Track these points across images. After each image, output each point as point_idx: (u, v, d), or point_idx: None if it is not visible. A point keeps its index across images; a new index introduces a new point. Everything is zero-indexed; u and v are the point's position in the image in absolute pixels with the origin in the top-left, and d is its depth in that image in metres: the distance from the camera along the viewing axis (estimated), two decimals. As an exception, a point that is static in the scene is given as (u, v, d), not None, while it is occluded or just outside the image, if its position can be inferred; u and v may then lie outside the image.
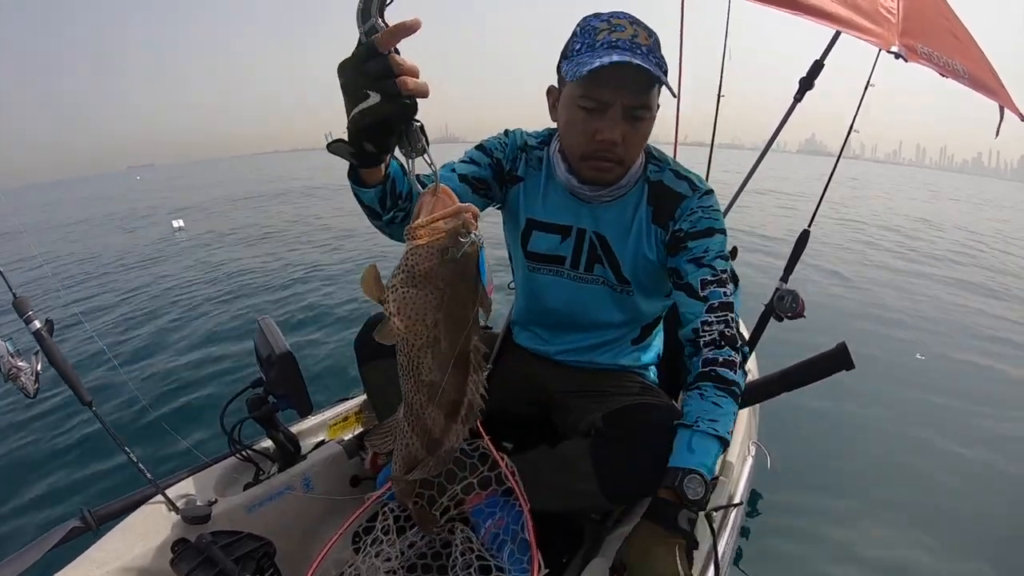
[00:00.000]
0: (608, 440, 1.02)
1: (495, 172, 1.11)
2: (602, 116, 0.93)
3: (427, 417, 0.70)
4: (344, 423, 1.50)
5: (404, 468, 0.77)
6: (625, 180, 1.04)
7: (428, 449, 0.73)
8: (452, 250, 0.58)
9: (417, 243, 0.59)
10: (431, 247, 0.58)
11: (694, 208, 1.03)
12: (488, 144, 1.12)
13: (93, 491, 2.24)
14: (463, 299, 0.62)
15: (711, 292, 0.98)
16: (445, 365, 0.65)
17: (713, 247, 1.01)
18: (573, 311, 1.17)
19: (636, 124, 0.95)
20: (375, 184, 0.79)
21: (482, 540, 1.02)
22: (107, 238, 9.57)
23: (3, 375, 1.01)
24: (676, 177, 1.06)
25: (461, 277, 0.60)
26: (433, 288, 0.59)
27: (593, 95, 0.92)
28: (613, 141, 0.94)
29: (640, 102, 0.93)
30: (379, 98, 0.59)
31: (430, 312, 0.60)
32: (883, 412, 2.97)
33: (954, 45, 1.41)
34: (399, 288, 0.59)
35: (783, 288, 1.53)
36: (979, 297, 5.59)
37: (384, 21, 0.58)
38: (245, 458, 1.26)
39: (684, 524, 0.84)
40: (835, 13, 1.21)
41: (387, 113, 0.60)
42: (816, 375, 1.25)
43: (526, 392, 1.26)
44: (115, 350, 3.73)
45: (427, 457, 0.74)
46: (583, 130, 0.96)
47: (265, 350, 1.27)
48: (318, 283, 5.27)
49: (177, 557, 0.98)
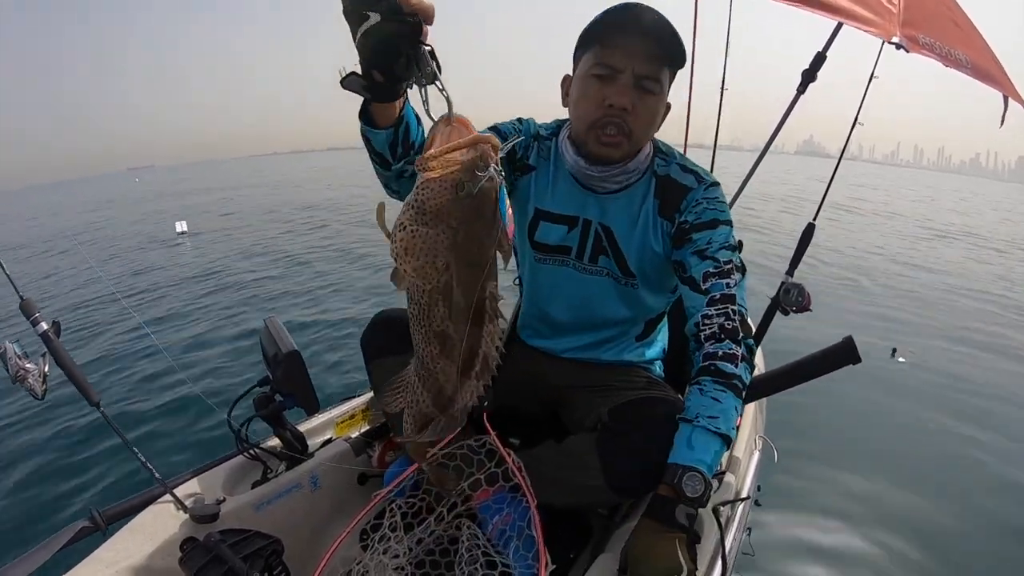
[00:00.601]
0: (614, 435, 1.02)
1: (508, 155, 1.10)
2: (613, 83, 0.94)
3: (439, 371, 0.64)
4: (351, 421, 1.51)
5: (416, 427, 0.71)
6: (633, 166, 1.04)
7: (439, 407, 0.68)
8: (468, 185, 0.52)
9: (429, 175, 0.53)
10: (444, 180, 0.52)
11: (699, 199, 1.03)
12: (503, 128, 1.11)
13: (102, 491, 2.25)
14: (478, 241, 0.56)
15: (712, 285, 0.98)
16: (458, 314, 0.59)
17: (717, 238, 1.00)
18: (578, 306, 1.17)
19: (646, 97, 0.96)
20: (387, 126, 0.76)
21: (488, 536, 1.02)
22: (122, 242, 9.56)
23: (11, 377, 1.01)
24: (683, 171, 1.06)
25: (477, 215, 0.54)
26: (446, 227, 0.53)
27: (606, 60, 0.94)
28: (623, 107, 0.94)
29: (651, 72, 0.94)
30: (379, 17, 0.56)
31: (441, 253, 0.55)
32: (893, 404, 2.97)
33: (956, 35, 1.40)
34: (408, 226, 0.53)
35: (789, 281, 1.52)
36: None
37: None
38: (252, 457, 1.26)
39: (682, 520, 0.83)
40: (835, 4, 1.21)
41: (389, 32, 0.57)
42: (823, 369, 1.24)
43: (532, 388, 1.26)
44: (122, 348, 3.76)
45: (439, 416, 0.69)
46: (594, 98, 0.96)
47: (271, 349, 1.27)
48: (326, 282, 5.29)
49: (186, 556, 0.98)
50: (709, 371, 0.94)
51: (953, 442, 2.74)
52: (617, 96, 0.94)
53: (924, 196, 24.23)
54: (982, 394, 3.27)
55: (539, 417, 1.27)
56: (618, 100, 0.94)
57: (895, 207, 15.92)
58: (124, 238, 9.95)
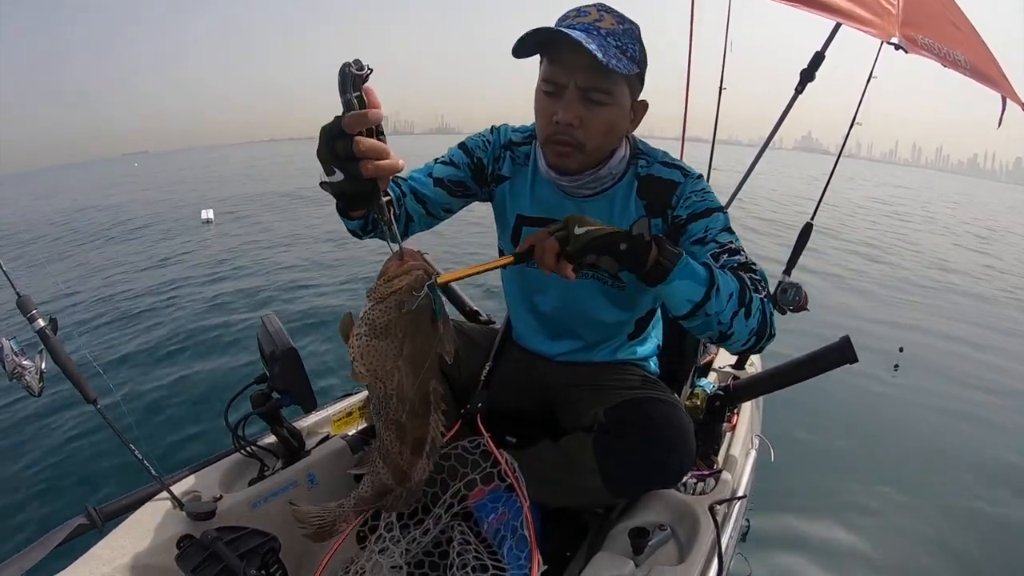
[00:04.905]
0: (611, 436, 1.02)
1: (474, 173, 1.11)
2: (560, 98, 0.92)
3: (395, 453, 0.76)
4: (348, 418, 1.50)
5: (374, 493, 0.83)
6: (605, 172, 1.01)
7: (397, 480, 0.79)
8: (407, 303, 0.65)
9: (376, 302, 0.66)
10: (388, 302, 0.65)
11: (688, 193, 1.01)
12: (470, 143, 1.13)
13: (98, 488, 2.25)
14: (420, 348, 0.69)
15: (725, 261, 0.92)
16: (409, 406, 0.72)
17: (714, 225, 0.97)
18: (567, 308, 1.16)
19: (595, 108, 0.92)
20: (358, 218, 0.89)
21: (484, 535, 1.02)
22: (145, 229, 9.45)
23: (7, 374, 1.01)
24: (665, 166, 1.04)
25: (417, 328, 0.67)
26: (393, 339, 0.66)
27: (549, 77, 0.93)
28: (568, 123, 0.92)
29: (595, 84, 0.90)
30: (342, 176, 0.64)
31: (390, 359, 0.67)
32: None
33: (955, 35, 1.40)
34: (363, 336, 0.66)
35: (786, 281, 1.53)
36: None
37: (361, 95, 0.60)
38: (249, 454, 1.26)
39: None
40: (834, 4, 1.21)
41: (349, 191, 0.65)
42: (820, 369, 1.25)
43: (528, 388, 1.26)
44: (126, 348, 3.75)
45: (397, 488, 0.80)
46: (544, 113, 0.95)
47: (269, 346, 1.27)
48: (324, 279, 5.28)
49: (182, 553, 0.99)
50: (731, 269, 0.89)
51: (952, 442, 2.75)
52: (563, 112, 0.91)
53: (957, 201, 23.82)
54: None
55: (534, 415, 1.27)
56: (564, 116, 0.91)
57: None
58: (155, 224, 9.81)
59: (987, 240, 11.11)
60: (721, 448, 1.37)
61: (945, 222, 13.60)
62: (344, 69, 0.58)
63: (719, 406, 1.40)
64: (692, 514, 1.03)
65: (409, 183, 1.05)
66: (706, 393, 1.44)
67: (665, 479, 1.06)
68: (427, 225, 1.10)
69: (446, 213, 1.11)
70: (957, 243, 10.13)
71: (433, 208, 1.07)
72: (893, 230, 10.60)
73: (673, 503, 1.07)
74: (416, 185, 1.05)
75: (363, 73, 0.59)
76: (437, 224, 1.12)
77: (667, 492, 1.08)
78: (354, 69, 0.58)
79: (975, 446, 2.72)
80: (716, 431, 1.39)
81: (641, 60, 0.94)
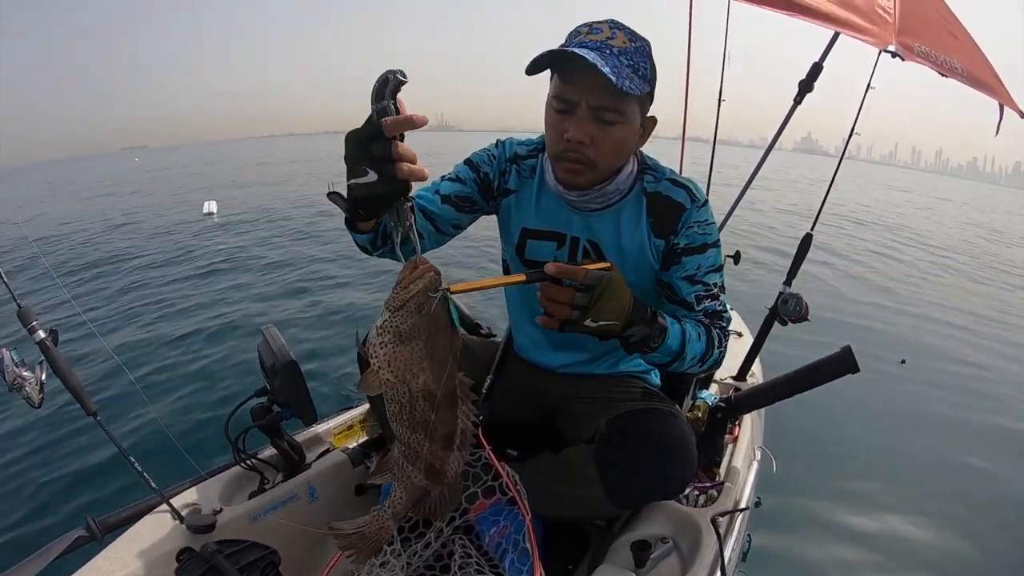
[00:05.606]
0: (612, 446, 1.02)
1: (481, 187, 1.12)
2: (571, 116, 0.93)
3: (427, 452, 0.76)
4: (349, 432, 1.50)
5: (409, 499, 0.82)
6: (612, 187, 1.02)
7: (432, 479, 0.79)
8: (426, 304, 0.67)
9: (396, 310, 0.67)
10: (408, 306, 0.67)
11: (692, 223, 1.02)
12: (476, 158, 1.13)
13: (98, 500, 2.24)
14: (443, 344, 0.70)
15: (705, 306, 1.02)
16: (437, 403, 0.73)
17: (705, 263, 1.03)
18: None
19: (606, 127, 0.93)
20: (368, 231, 0.87)
21: (486, 548, 1.02)
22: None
23: (8, 385, 1.01)
24: (673, 185, 1.05)
25: (437, 326, 0.69)
26: (418, 340, 0.68)
27: (560, 94, 0.93)
28: (579, 141, 0.93)
29: (607, 104, 0.91)
30: (376, 177, 0.65)
31: (417, 361, 0.69)
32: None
33: (952, 43, 1.41)
34: (388, 344, 0.68)
35: (787, 292, 1.53)
36: None
37: (397, 103, 0.62)
38: (249, 467, 1.26)
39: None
40: (831, 13, 1.22)
41: (381, 192, 0.66)
42: (821, 379, 1.24)
43: (530, 400, 1.26)
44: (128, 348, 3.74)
45: (433, 488, 0.80)
46: (555, 130, 0.96)
47: (269, 359, 1.27)
48: (327, 291, 5.27)
49: (182, 566, 0.98)
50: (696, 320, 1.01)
51: (956, 452, 2.72)
52: (574, 130, 0.92)
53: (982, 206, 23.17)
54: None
55: (536, 426, 1.26)
56: (575, 135, 0.92)
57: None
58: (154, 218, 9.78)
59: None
60: (723, 460, 1.37)
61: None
62: (387, 76, 0.61)
63: (721, 418, 1.39)
64: (694, 526, 1.02)
65: (417, 201, 1.05)
66: (708, 405, 1.43)
67: (667, 490, 1.06)
68: (437, 242, 1.10)
69: (455, 229, 1.12)
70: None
71: (442, 225, 1.07)
72: (904, 242, 10.16)
73: (675, 515, 1.06)
74: (424, 203, 1.05)
75: (405, 81, 0.62)
76: (447, 240, 1.12)
77: (669, 504, 1.08)
78: (399, 76, 0.61)
79: (992, 473, 2.65)
80: (718, 443, 1.38)
81: (652, 78, 0.95)
